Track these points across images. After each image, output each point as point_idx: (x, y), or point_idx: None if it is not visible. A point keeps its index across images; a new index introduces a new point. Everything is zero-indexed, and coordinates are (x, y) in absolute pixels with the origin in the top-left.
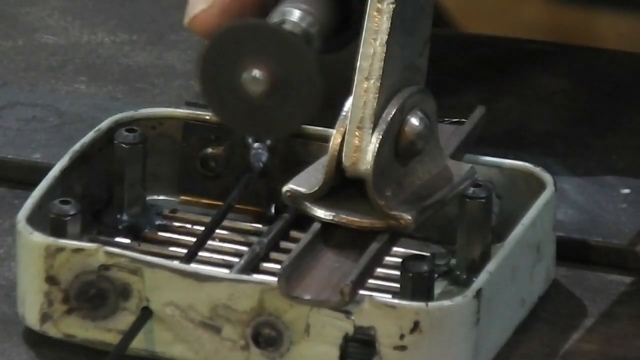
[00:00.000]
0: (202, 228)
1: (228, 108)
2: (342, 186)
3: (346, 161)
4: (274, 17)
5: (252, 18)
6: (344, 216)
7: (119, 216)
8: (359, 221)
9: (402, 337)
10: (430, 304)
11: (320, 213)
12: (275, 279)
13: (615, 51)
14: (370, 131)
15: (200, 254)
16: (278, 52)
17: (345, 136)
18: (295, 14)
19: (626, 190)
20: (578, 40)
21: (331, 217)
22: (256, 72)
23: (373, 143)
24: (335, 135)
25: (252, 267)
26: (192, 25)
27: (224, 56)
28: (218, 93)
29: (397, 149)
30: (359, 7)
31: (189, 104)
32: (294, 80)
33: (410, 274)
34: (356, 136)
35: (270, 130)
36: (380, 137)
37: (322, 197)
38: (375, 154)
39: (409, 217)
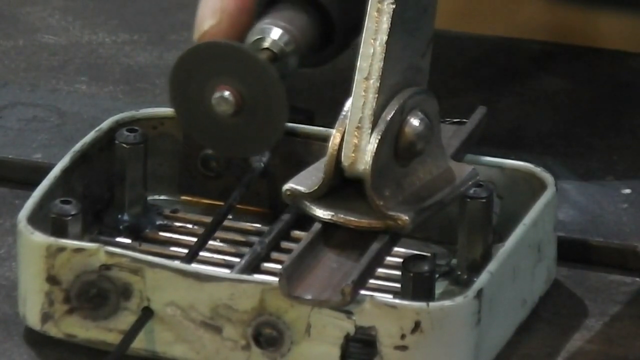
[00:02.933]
0: (203, 228)
1: (198, 125)
2: (342, 186)
3: (345, 161)
4: (253, 34)
5: (223, 39)
6: (342, 216)
7: (119, 216)
8: (357, 221)
9: (403, 337)
10: (431, 304)
11: (319, 212)
12: (276, 279)
13: (615, 51)
14: (370, 131)
15: (201, 254)
16: (245, 73)
17: (345, 136)
18: (274, 32)
19: (627, 191)
20: (578, 40)
21: (330, 217)
22: (225, 93)
23: (372, 143)
24: (334, 135)
25: (253, 267)
26: (201, 41)
27: (193, 75)
28: (189, 111)
29: (397, 149)
30: (340, 22)
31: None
32: (261, 101)
33: (411, 274)
34: (355, 136)
35: (239, 149)
36: (379, 137)
37: (321, 196)
38: (373, 154)
39: (407, 218)
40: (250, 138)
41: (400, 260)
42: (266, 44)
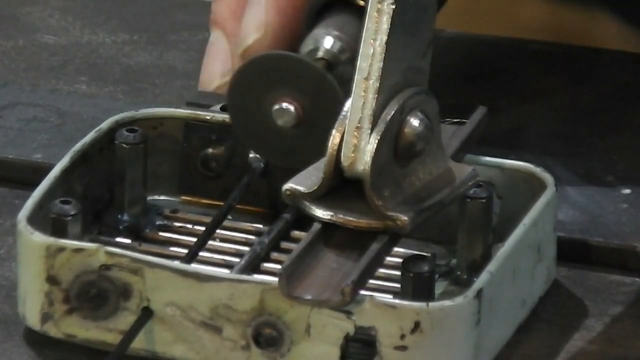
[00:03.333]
0: (203, 228)
1: (257, 137)
2: (342, 186)
3: (344, 161)
4: (307, 44)
5: (283, 50)
6: (341, 216)
7: (119, 216)
8: (357, 221)
9: (402, 337)
10: (431, 304)
11: (319, 212)
12: (276, 279)
13: (615, 51)
14: (369, 131)
15: (201, 254)
16: (305, 84)
17: (344, 136)
18: (327, 41)
19: (627, 191)
20: (578, 40)
21: (329, 217)
22: (285, 105)
23: (371, 143)
24: (334, 135)
25: (253, 267)
26: (246, 56)
27: (252, 87)
28: (247, 123)
29: (397, 149)
30: None
31: (190, 104)
32: (321, 111)
33: (411, 274)
34: (355, 136)
35: (299, 159)
36: (379, 137)
37: (321, 196)
38: (373, 154)
39: (406, 218)
40: (310, 148)
41: (400, 260)
42: (320, 54)
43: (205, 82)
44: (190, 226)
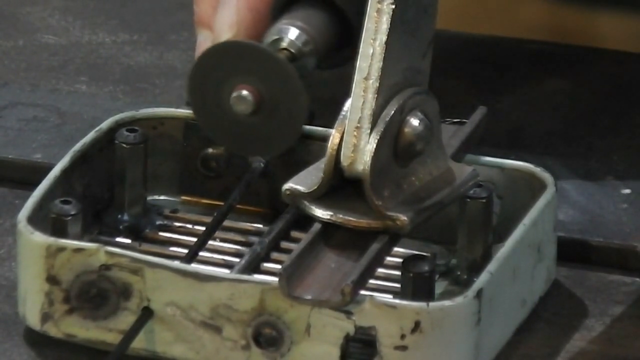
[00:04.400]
0: (203, 228)
1: (218, 126)
2: (341, 186)
3: (344, 161)
4: (271, 35)
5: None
6: (341, 216)
7: (119, 216)
8: (356, 221)
9: (402, 337)
10: (431, 304)
11: (319, 212)
12: (276, 279)
13: (616, 51)
14: (369, 131)
15: (201, 254)
16: (264, 72)
17: (344, 136)
18: (291, 32)
19: (627, 191)
20: (578, 40)
21: (329, 217)
22: (243, 92)
23: (371, 143)
24: (334, 135)
25: (253, 267)
26: None
27: (212, 75)
28: (207, 111)
29: (396, 149)
30: (357, 22)
31: (190, 104)
32: (280, 100)
33: (411, 274)
34: (354, 136)
35: (258, 149)
36: (379, 137)
37: (321, 196)
38: (372, 154)
39: (405, 218)
40: (269, 137)
41: (400, 260)
42: (284, 44)
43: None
44: (190, 226)
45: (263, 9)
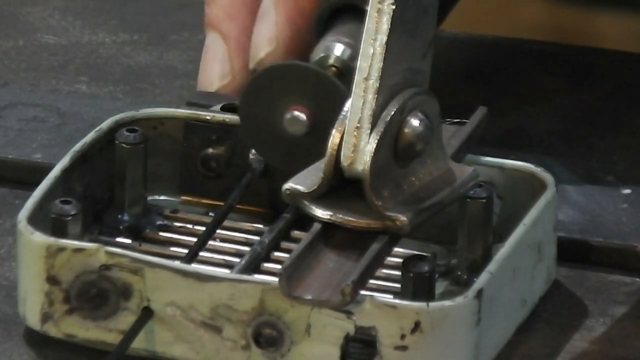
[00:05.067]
0: (203, 228)
1: (269, 146)
2: (342, 186)
3: (344, 161)
4: (317, 52)
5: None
6: (340, 216)
7: (119, 216)
8: (356, 221)
9: (403, 337)
10: (431, 304)
11: (318, 212)
12: (276, 279)
13: (615, 51)
14: (369, 131)
15: (201, 254)
16: (315, 92)
17: (344, 136)
18: (338, 48)
19: (627, 191)
20: (578, 40)
21: (328, 217)
22: (296, 114)
23: (371, 143)
24: (334, 135)
25: (253, 267)
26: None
27: (264, 96)
28: (258, 131)
29: (396, 149)
30: None
31: (190, 104)
32: (332, 118)
33: (411, 274)
34: (354, 136)
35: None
36: (378, 137)
37: (321, 196)
38: (372, 154)
39: (405, 219)
40: (320, 155)
41: (400, 260)
42: (331, 61)
43: (204, 85)
44: (190, 226)
45: (302, 22)
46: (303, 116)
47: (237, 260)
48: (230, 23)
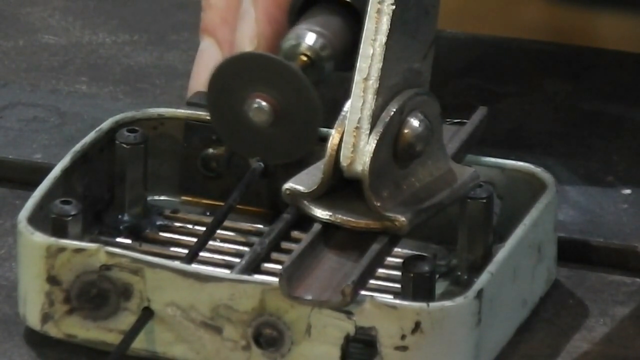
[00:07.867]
0: (203, 228)
1: (235, 134)
2: (342, 186)
3: (343, 161)
4: (289, 40)
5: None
6: (340, 216)
7: (120, 216)
8: (355, 221)
9: (403, 337)
10: (432, 304)
11: (318, 212)
12: (276, 279)
13: (616, 51)
14: (368, 132)
15: (201, 254)
16: (279, 82)
17: (343, 136)
18: (309, 37)
19: (627, 191)
20: (578, 40)
21: (328, 217)
22: (260, 102)
23: (370, 144)
24: (333, 135)
25: (253, 267)
26: None
27: (230, 86)
28: (225, 120)
29: (396, 150)
30: None
31: (190, 104)
32: (295, 109)
33: (412, 275)
34: (354, 136)
35: (275, 155)
36: (378, 138)
37: (321, 196)
38: (371, 154)
39: (404, 219)
40: (286, 144)
41: (401, 260)
42: (302, 50)
43: (195, 89)
44: (190, 226)
45: (283, 20)
46: (267, 105)
47: (237, 260)
48: (226, 29)
